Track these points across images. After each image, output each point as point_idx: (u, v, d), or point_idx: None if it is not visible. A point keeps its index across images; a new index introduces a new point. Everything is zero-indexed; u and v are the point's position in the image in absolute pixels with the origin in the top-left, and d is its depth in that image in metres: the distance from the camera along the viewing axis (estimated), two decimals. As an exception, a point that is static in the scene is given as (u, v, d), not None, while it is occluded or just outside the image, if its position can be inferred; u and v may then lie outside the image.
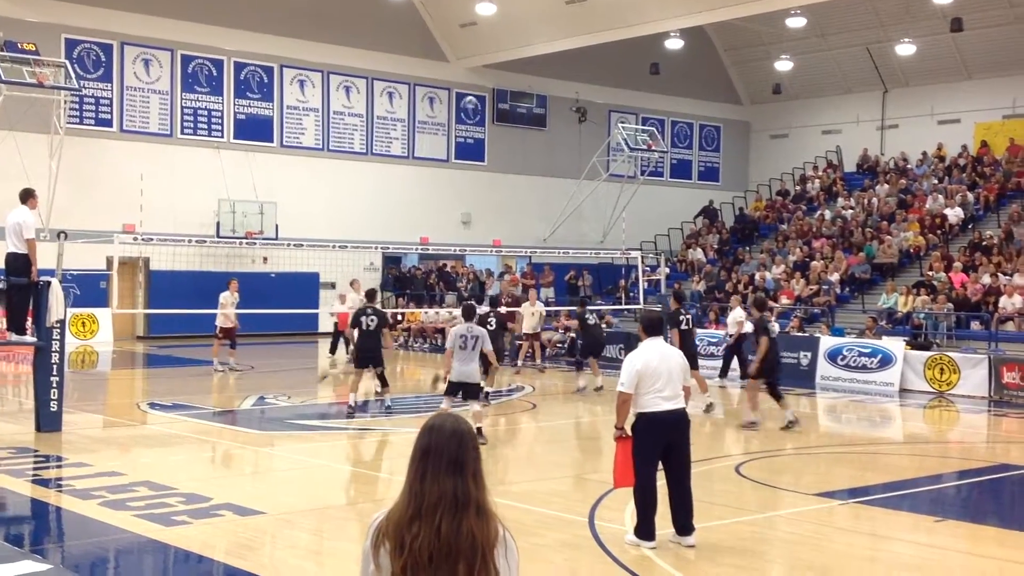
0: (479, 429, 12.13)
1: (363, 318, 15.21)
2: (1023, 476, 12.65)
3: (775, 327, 18.91)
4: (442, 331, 27.35)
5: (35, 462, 12.01)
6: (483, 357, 14.55)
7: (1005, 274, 24.52)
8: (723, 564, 8.11)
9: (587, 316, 20.78)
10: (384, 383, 15.87)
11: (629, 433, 8.33)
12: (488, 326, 16.38)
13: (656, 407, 8.18)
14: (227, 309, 21.46)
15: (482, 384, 14.38)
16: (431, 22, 35.06)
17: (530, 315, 23.36)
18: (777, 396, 14.77)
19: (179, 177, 30.09)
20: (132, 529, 8.88)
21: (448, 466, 3.21)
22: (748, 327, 20.63)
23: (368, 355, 15.40)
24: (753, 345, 16.48)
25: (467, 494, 3.20)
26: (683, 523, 8.35)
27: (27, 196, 13.86)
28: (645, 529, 8.28)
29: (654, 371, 8.20)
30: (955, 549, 9.05)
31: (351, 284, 23.91)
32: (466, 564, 3.13)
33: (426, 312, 30.10)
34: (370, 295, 16.48)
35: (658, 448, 8.29)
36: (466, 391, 12.67)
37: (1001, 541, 9.33)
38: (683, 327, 16.85)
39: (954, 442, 15.75)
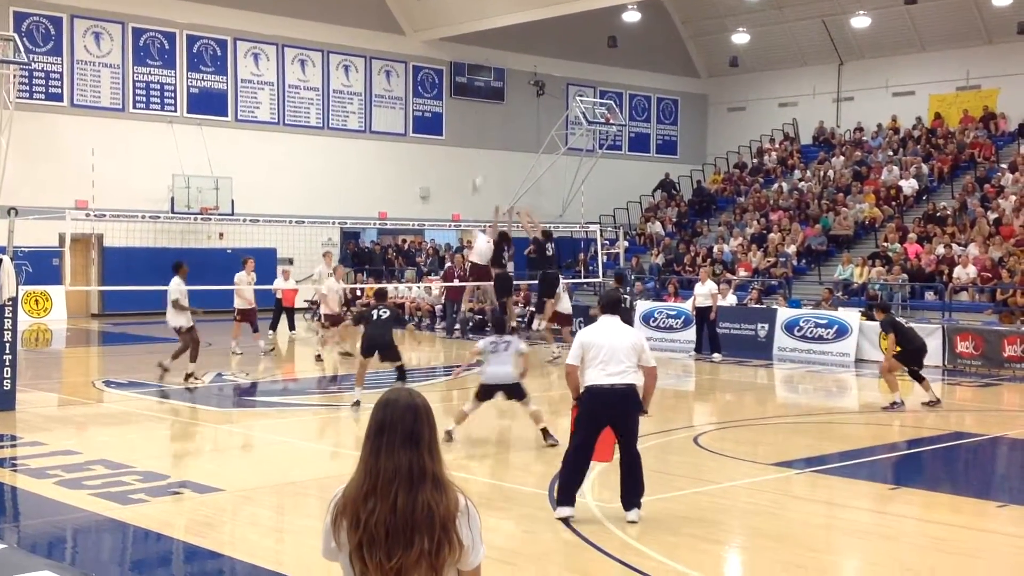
0: (544, 430, 11.51)
1: (375, 312, 14.14)
2: (976, 444, 12.88)
3: (731, 299, 19.13)
4: (402, 306, 27.29)
5: (-12, 442, 11.83)
6: None
7: (959, 245, 24.86)
8: (682, 534, 8.18)
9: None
10: (403, 376, 14.67)
11: None
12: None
13: (597, 381, 8.28)
14: (242, 288, 20.09)
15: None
16: (387, -6, 34.75)
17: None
18: (919, 378, 15.18)
19: (132, 152, 29.65)
20: (89, 508, 8.79)
21: (403, 440, 3.19)
22: (728, 300, 20.90)
23: (375, 343, 14.00)
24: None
25: (423, 467, 3.17)
26: (626, 497, 8.40)
27: (-25, 172, 13.59)
28: (564, 495, 8.40)
29: (598, 346, 8.31)
30: (910, 516, 9.18)
31: (324, 256, 23.51)
32: (426, 537, 3.11)
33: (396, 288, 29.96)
34: (380, 295, 15.23)
35: (596, 421, 8.36)
36: (508, 392, 11.83)
37: (955, 508, 9.47)
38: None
39: (908, 411, 15.97)
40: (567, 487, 8.43)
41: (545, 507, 8.88)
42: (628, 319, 17.62)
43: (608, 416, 8.37)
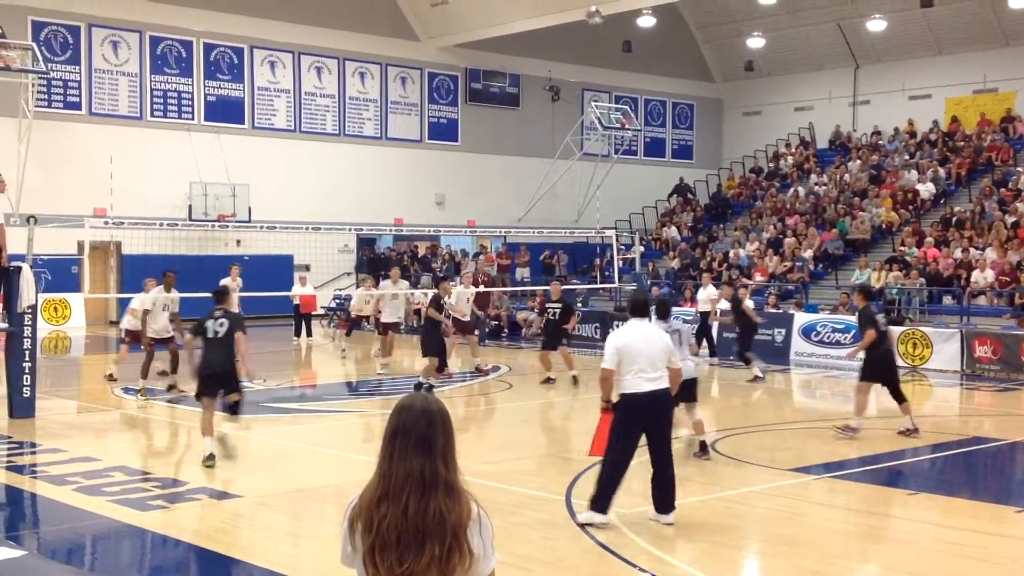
0: (703, 444, 11.06)
1: (209, 323, 11.38)
2: (995, 449, 12.79)
3: (749, 303, 19.09)
4: (418, 312, 27.30)
5: (9, 449, 11.90)
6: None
7: (977, 248, 24.72)
8: (699, 540, 8.16)
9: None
10: (235, 410, 13.78)
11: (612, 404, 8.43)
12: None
13: (638, 388, 8.22)
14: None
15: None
16: (402, 1, 34.84)
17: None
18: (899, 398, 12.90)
19: (150, 160, 29.81)
20: (108, 514, 8.83)
21: (416, 446, 3.20)
22: (724, 304, 20.75)
23: (212, 373, 11.51)
24: None
25: (435, 474, 3.18)
26: (663, 501, 8.38)
27: (-6, 180, 13.67)
28: (601, 503, 8.33)
29: (636, 352, 8.24)
30: (928, 521, 9.14)
31: (391, 273, 22.08)
32: (437, 544, 3.12)
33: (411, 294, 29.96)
34: (219, 295, 11.85)
35: (637, 428, 8.33)
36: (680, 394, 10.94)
37: (974, 514, 9.42)
38: None
39: (927, 416, 15.88)
40: (606, 494, 8.32)
41: (562, 513, 8.88)
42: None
43: (646, 422, 8.34)
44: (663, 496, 8.39)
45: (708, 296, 21.15)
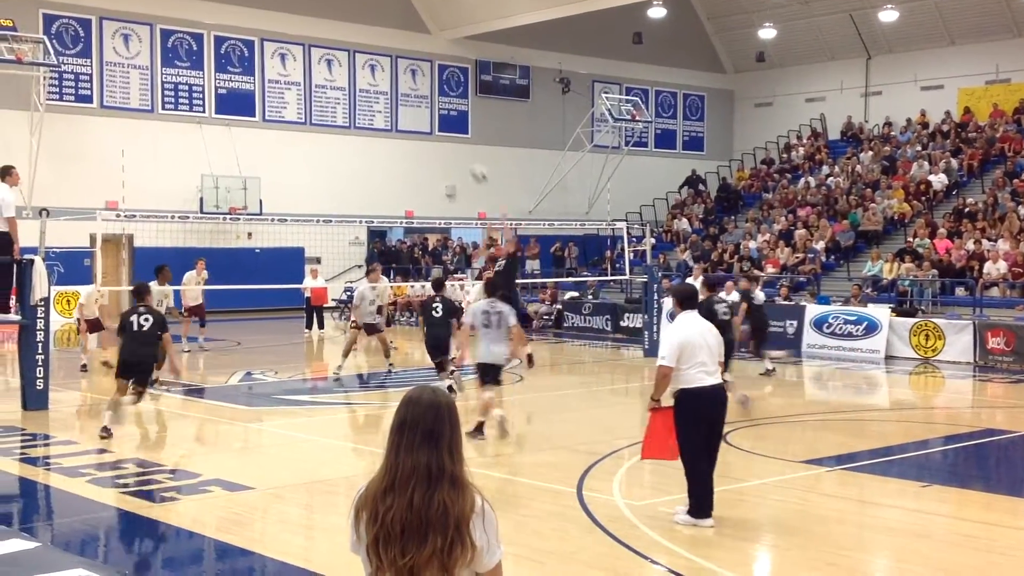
0: (481, 425, 11.50)
1: (134, 318, 12.00)
2: (1008, 441, 12.75)
3: (760, 296, 18.95)
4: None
5: (22, 441, 11.96)
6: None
7: (989, 240, 24.62)
8: (711, 532, 8.15)
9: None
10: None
11: (664, 405, 8.25)
12: (434, 312, 15.00)
13: (700, 382, 8.03)
14: (189, 288, 21.31)
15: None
16: (413, -7, 34.82)
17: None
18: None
19: (161, 153, 29.86)
20: (121, 506, 8.88)
21: (423, 439, 3.22)
22: (756, 298, 20.55)
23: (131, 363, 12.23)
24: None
25: (441, 467, 3.20)
26: (711, 503, 8.22)
27: (5, 173, 13.63)
28: (700, 508, 8.15)
29: (696, 346, 8.04)
30: (941, 514, 9.11)
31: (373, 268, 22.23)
32: (439, 536, 3.14)
33: (412, 286, 30.04)
34: (139, 292, 12.35)
35: (702, 424, 8.13)
36: (494, 373, 11.72)
37: (987, 505, 9.40)
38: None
39: (940, 408, 15.85)
40: (706, 499, 8.15)
41: (574, 505, 8.88)
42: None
43: (710, 417, 8.17)
44: (711, 497, 8.19)
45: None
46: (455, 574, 3.16)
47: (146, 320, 11.74)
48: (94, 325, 18.20)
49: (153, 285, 16.16)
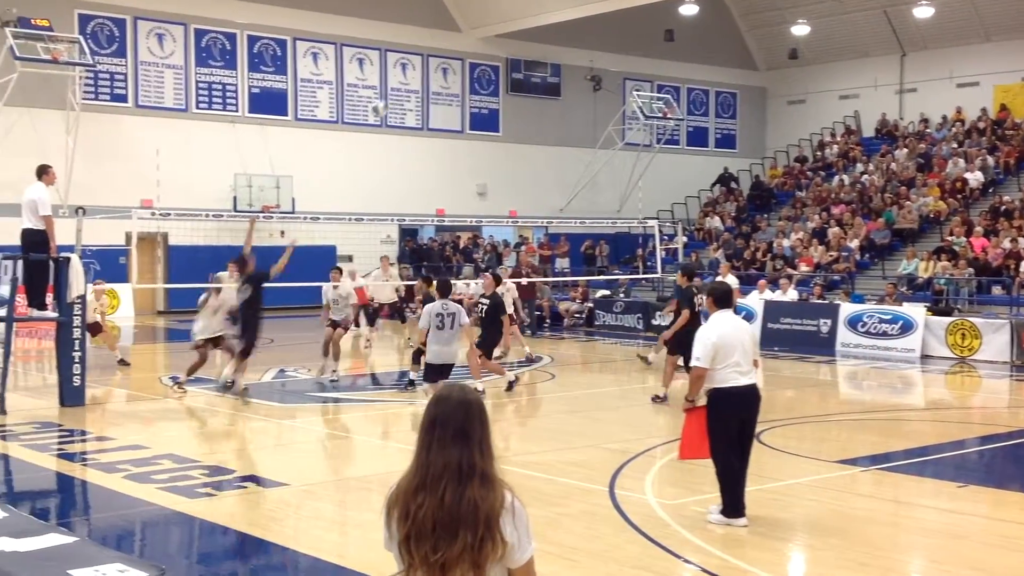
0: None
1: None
2: (1046, 441, 12.60)
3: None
4: (459, 302, 27.34)
5: (60, 436, 12.09)
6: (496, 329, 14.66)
7: (1026, 238, 24.35)
8: (745, 531, 8.11)
9: None
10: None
11: (698, 404, 8.23)
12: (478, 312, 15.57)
13: (734, 382, 8.01)
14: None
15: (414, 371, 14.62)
16: (444, -8, 34.89)
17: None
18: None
19: (195, 152, 30.10)
20: (157, 502, 8.95)
21: (454, 436, 3.25)
22: (788, 296, 20.41)
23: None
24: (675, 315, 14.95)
25: (472, 464, 3.22)
26: (743, 502, 8.20)
27: (42, 172, 13.81)
28: (733, 507, 8.13)
29: (731, 346, 8.01)
30: (978, 514, 9.02)
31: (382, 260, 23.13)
32: (470, 532, 3.16)
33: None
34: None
35: (735, 424, 8.11)
36: (447, 373, 11.99)
37: (1024, 506, 9.30)
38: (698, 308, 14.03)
39: (976, 408, 15.69)
40: (739, 498, 8.13)
41: (607, 504, 8.86)
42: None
43: (743, 417, 8.15)
44: (743, 496, 8.17)
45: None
46: (486, 570, 3.18)
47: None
48: (94, 328, 18.12)
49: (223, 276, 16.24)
